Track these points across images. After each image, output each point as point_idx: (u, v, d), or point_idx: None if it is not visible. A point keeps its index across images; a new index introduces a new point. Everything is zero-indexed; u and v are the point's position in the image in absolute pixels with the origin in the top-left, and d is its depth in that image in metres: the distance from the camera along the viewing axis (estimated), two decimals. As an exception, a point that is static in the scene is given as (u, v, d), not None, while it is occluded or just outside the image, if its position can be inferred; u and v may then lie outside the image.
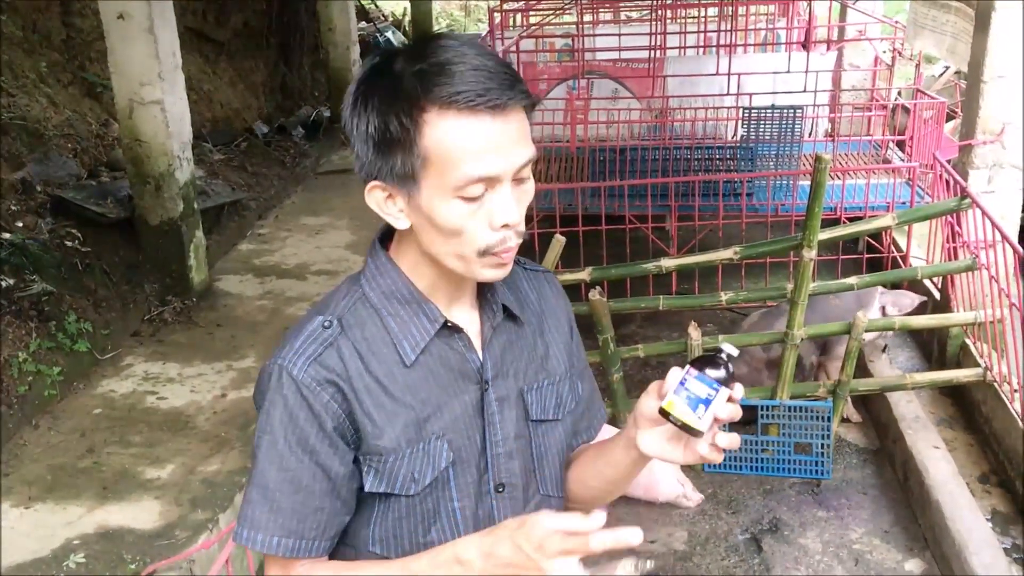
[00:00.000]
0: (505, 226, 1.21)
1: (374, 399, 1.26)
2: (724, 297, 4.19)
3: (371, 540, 1.33)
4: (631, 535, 1.15)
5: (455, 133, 1.16)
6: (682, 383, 1.21)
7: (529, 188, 1.25)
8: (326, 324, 1.28)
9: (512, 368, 1.36)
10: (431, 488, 1.30)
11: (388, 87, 1.19)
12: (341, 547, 1.34)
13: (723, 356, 1.22)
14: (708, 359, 1.22)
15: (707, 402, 1.20)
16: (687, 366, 1.23)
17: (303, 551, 1.28)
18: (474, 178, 1.17)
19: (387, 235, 1.33)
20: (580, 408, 1.47)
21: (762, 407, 4.03)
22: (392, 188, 1.23)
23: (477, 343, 1.34)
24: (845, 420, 4.39)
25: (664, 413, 1.22)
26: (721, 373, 1.21)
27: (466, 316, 1.34)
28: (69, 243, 5.19)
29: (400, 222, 1.25)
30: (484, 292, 1.35)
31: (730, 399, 1.22)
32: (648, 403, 1.26)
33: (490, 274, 1.26)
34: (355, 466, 1.29)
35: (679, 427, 1.21)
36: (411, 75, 1.17)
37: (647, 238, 5.25)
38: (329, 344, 1.26)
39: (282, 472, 1.25)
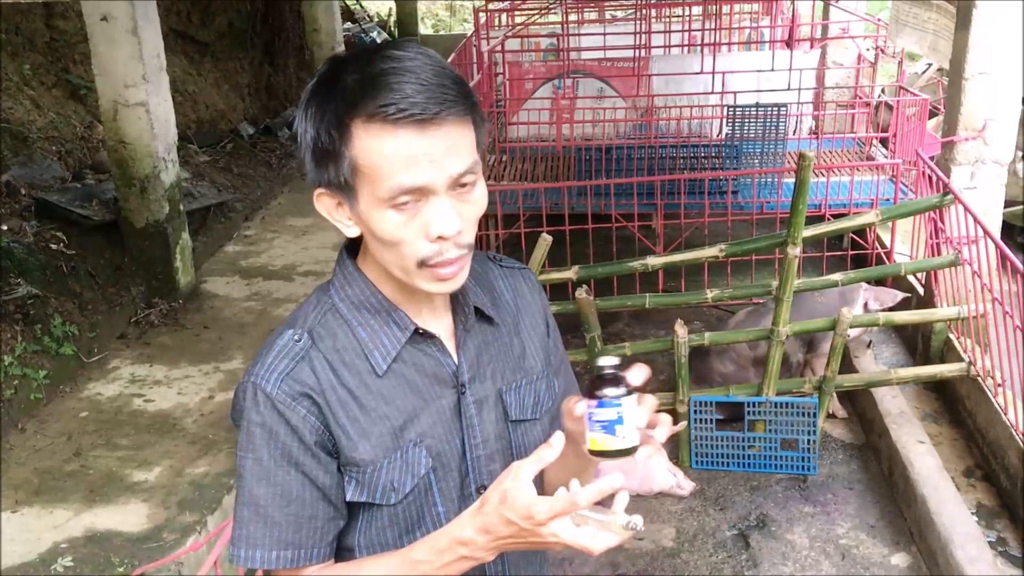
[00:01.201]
0: (440, 238, 1.20)
1: (347, 412, 1.26)
2: (710, 295, 4.21)
3: (358, 548, 1.33)
4: (613, 480, 1.16)
5: (379, 145, 1.16)
6: (590, 417, 1.21)
7: (476, 197, 1.23)
8: (296, 338, 1.27)
9: (489, 369, 1.36)
10: (413, 495, 1.30)
11: (326, 96, 1.19)
12: (345, 553, 1.35)
13: (608, 372, 1.22)
14: (598, 381, 1.21)
15: (619, 421, 1.20)
16: (587, 399, 1.22)
17: (303, 560, 1.28)
18: (402, 188, 1.17)
19: (355, 243, 1.33)
20: (556, 406, 1.46)
21: (748, 404, 4.05)
22: (337, 196, 1.24)
23: (451, 346, 1.34)
24: (831, 416, 4.42)
25: (594, 453, 1.22)
26: (615, 389, 1.20)
27: (438, 320, 1.34)
28: (54, 246, 5.17)
29: (350, 230, 1.26)
30: (455, 295, 1.34)
31: (640, 399, 1.21)
32: (568, 426, 1.27)
33: (431, 287, 1.24)
34: (339, 474, 1.29)
35: (614, 457, 1.21)
36: (346, 85, 1.18)
37: (633, 236, 5.27)
38: (301, 358, 1.26)
39: (271, 487, 1.26)
